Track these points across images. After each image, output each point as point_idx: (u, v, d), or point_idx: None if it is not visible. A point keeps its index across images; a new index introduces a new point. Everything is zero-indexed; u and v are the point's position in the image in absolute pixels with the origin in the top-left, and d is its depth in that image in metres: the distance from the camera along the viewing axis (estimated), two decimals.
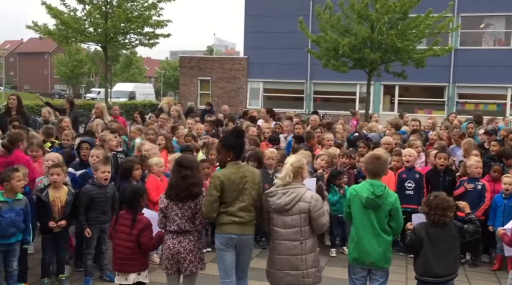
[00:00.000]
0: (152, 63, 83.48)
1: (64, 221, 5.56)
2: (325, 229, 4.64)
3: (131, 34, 21.24)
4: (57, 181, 5.54)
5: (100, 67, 55.79)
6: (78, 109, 28.40)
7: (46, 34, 20.50)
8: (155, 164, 6.59)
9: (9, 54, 79.11)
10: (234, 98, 30.45)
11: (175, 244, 4.55)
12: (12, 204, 5.23)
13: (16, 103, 9.68)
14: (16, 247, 5.30)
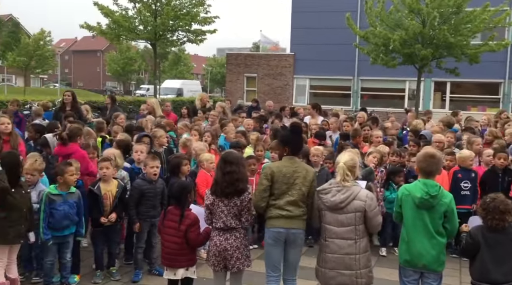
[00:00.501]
0: (199, 60, 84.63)
1: (114, 215, 5.67)
2: (379, 229, 4.56)
3: (179, 31, 21.54)
4: (106, 174, 5.67)
5: (149, 65, 57.08)
6: (129, 105, 29.56)
7: (98, 33, 21.12)
8: (206, 159, 6.64)
9: (64, 52, 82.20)
10: (280, 95, 30.35)
11: (222, 241, 4.56)
12: (65, 197, 5.39)
13: (70, 99, 10.00)
14: (70, 240, 5.47)
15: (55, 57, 49.85)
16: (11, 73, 64.15)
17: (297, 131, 5.03)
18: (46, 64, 49.32)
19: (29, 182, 5.45)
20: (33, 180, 5.52)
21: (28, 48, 43.36)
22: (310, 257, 6.14)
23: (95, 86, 71.92)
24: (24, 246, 5.35)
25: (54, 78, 75.11)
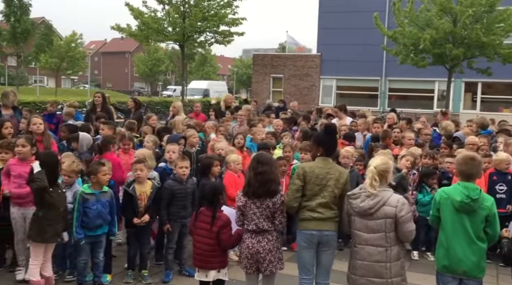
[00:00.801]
0: (225, 61, 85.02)
1: (148, 216, 5.68)
2: (412, 237, 4.31)
3: (207, 32, 21.65)
4: (140, 176, 5.69)
5: (176, 66, 57.62)
6: (156, 106, 29.88)
7: (128, 34, 21.40)
8: (233, 160, 6.62)
9: (94, 53, 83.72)
10: (307, 95, 30.19)
11: (254, 243, 4.52)
12: (98, 196, 5.44)
13: (101, 100, 10.14)
14: (103, 239, 5.51)
15: (85, 59, 50.88)
16: (43, 75, 65.68)
17: (331, 132, 4.99)
18: (77, 65, 50.48)
19: (66, 182, 5.55)
20: (70, 181, 5.61)
21: (60, 50, 44.37)
22: (340, 260, 6.03)
23: (123, 87, 72.98)
24: (58, 245, 5.42)
25: (84, 79, 76.57)
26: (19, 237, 5.54)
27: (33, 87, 51.87)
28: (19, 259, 5.62)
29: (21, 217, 5.50)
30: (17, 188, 5.49)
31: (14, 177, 5.52)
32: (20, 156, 5.55)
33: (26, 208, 5.48)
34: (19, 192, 5.47)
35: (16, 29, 29.54)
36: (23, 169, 5.46)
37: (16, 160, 5.61)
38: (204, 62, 61.73)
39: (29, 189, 5.37)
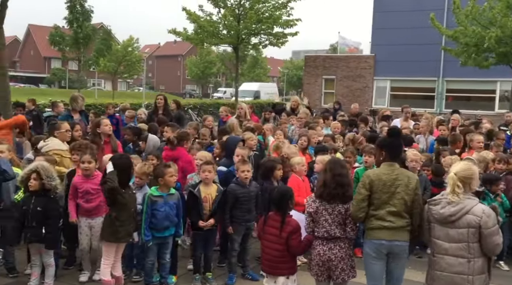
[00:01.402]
0: (275, 63, 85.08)
1: (212, 221, 5.69)
2: (497, 251, 4.01)
3: (261, 34, 21.70)
4: (208, 177, 5.70)
5: (228, 68, 58.27)
6: (209, 108, 30.27)
7: (184, 38, 21.79)
8: (297, 163, 6.51)
9: (148, 57, 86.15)
10: (359, 97, 29.66)
11: (326, 251, 4.41)
12: (166, 198, 5.50)
13: (163, 103, 10.34)
14: (169, 241, 5.57)
15: (141, 63, 52.48)
16: (101, 78, 68.24)
17: (395, 134, 4.75)
18: (133, 69, 52.11)
19: (138, 184, 5.64)
20: (141, 183, 5.71)
21: (117, 54, 45.93)
22: (415, 270, 5.79)
23: (175, 90, 74.55)
24: (126, 245, 5.52)
25: (138, 82, 78.83)
26: (83, 246, 5.69)
27: (91, 90, 53.93)
28: (84, 264, 5.78)
29: (88, 226, 5.65)
30: (85, 202, 5.62)
31: (82, 193, 5.62)
32: (87, 173, 5.63)
33: (93, 218, 5.65)
34: (87, 207, 5.62)
35: (78, 34, 30.80)
36: (89, 185, 5.60)
37: (81, 177, 5.69)
38: (255, 64, 62.02)
39: (97, 203, 5.59)
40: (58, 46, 32.79)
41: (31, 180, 5.13)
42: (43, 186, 5.13)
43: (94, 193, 5.59)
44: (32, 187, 5.15)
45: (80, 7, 30.34)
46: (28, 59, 76.77)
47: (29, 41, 78.02)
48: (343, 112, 13.96)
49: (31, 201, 5.15)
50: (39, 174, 5.10)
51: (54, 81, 68.24)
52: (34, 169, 5.14)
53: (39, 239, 5.16)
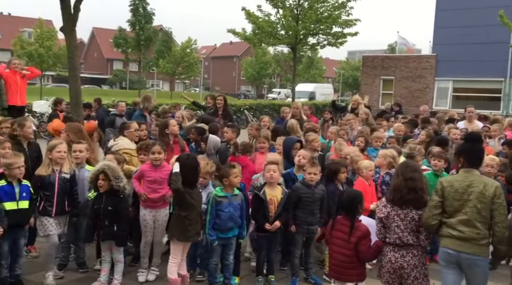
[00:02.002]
0: (330, 64, 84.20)
1: (278, 224, 5.62)
2: None
3: (320, 34, 21.51)
4: (273, 177, 5.63)
5: (283, 69, 58.32)
6: (264, 108, 30.32)
7: (243, 38, 21.98)
8: (365, 167, 6.34)
9: (204, 58, 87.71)
10: (419, 98, 28.75)
11: (398, 258, 4.24)
12: (230, 199, 5.50)
13: (223, 103, 10.42)
14: (233, 242, 5.56)
15: (199, 64, 53.59)
16: (159, 79, 70.20)
17: (472, 140, 4.52)
18: (191, 70, 53.29)
19: (201, 184, 5.67)
20: (205, 182, 5.73)
21: (176, 56, 47.11)
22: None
23: (230, 90, 75.42)
24: (190, 245, 5.56)
25: (194, 83, 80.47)
26: (147, 239, 5.75)
27: (150, 91, 55.53)
28: (142, 262, 5.81)
29: (152, 219, 5.70)
30: (151, 192, 5.67)
31: (149, 182, 5.68)
32: (157, 163, 5.68)
33: (157, 210, 5.70)
34: (153, 197, 5.67)
35: (140, 37, 31.81)
36: (158, 174, 5.65)
37: (149, 165, 5.75)
38: (311, 65, 61.65)
39: (162, 193, 5.64)
40: (121, 48, 34.03)
41: (99, 181, 5.28)
42: (111, 186, 5.26)
43: (161, 182, 5.61)
44: (101, 188, 5.29)
45: (142, 10, 31.31)
46: (92, 61, 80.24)
47: (93, 43, 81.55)
48: (404, 114, 13.53)
49: (102, 200, 5.30)
50: (106, 175, 5.23)
51: (116, 82, 70.97)
52: (101, 169, 5.27)
53: (111, 237, 5.30)
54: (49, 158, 5.52)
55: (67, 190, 5.53)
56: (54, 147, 5.54)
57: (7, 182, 5.14)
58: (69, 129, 6.52)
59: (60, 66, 42.98)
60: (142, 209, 5.72)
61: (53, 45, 40.87)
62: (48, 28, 42.29)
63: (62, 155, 5.52)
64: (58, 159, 5.50)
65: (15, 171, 5.15)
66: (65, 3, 8.09)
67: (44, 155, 5.78)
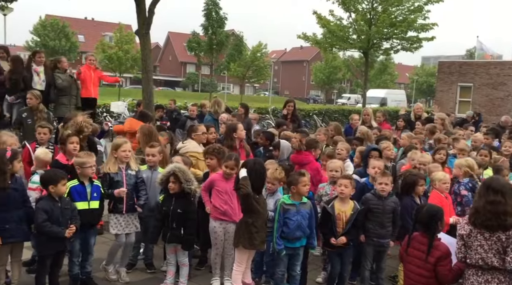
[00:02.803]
0: (403, 69, 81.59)
1: (345, 239, 5.36)
2: None
3: (393, 39, 20.79)
4: (344, 193, 5.39)
5: (354, 74, 57.31)
6: (333, 114, 29.86)
7: (314, 43, 21.74)
8: (439, 179, 5.93)
9: (274, 62, 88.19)
10: (500, 106, 27.01)
11: (481, 283, 3.86)
12: (298, 207, 5.31)
13: (292, 109, 10.34)
14: (300, 252, 5.36)
15: (269, 68, 53.85)
16: (230, 83, 71.41)
17: None
18: (261, 74, 53.74)
19: (270, 190, 5.54)
20: (273, 188, 5.58)
21: (247, 60, 47.69)
22: None
23: (299, 95, 75.15)
24: (257, 252, 5.45)
25: (264, 87, 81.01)
26: (218, 250, 5.60)
27: (221, 94, 56.58)
28: (214, 273, 5.69)
29: (222, 231, 5.54)
30: (223, 204, 5.50)
31: (220, 192, 5.53)
32: (229, 177, 5.52)
33: (227, 222, 5.51)
34: (225, 209, 5.49)
35: (212, 40, 32.48)
36: (229, 185, 5.47)
37: (221, 176, 5.62)
38: (383, 70, 60.03)
39: (233, 205, 5.48)
40: (194, 52, 34.95)
41: (170, 183, 5.27)
42: (182, 189, 5.24)
43: (233, 193, 5.46)
44: (172, 189, 5.28)
45: (215, 14, 31.95)
46: (167, 64, 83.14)
47: (168, 47, 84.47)
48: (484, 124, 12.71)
49: (171, 202, 5.29)
50: (177, 177, 5.22)
51: (188, 85, 73.05)
52: (172, 171, 5.26)
53: (178, 240, 5.28)
54: (114, 157, 5.62)
55: (134, 188, 5.61)
56: (119, 146, 5.63)
57: (79, 181, 5.27)
58: (141, 131, 6.65)
59: (137, 69, 44.93)
60: (212, 221, 5.58)
61: (131, 49, 42.81)
62: (127, 32, 44.37)
63: (127, 154, 5.62)
64: (124, 158, 5.60)
65: (87, 170, 5.28)
66: (140, 7, 8.31)
67: (109, 153, 5.90)
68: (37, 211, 4.80)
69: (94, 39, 62.17)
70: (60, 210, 4.88)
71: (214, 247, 5.66)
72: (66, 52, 53.68)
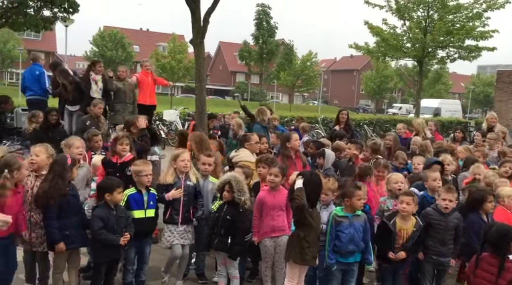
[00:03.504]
0: (457, 78, 78.84)
1: (404, 254, 5.13)
2: None
3: (450, 47, 20.05)
4: (406, 210, 5.15)
5: (406, 83, 55.92)
6: (385, 124, 29.11)
7: (366, 52, 21.34)
8: (507, 195, 5.58)
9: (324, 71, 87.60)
10: None
11: None
12: (351, 219, 5.11)
13: (346, 118, 10.22)
14: (355, 268, 5.17)
15: (319, 77, 53.50)
16: (279, 92, 71.51)
17: None
18: (311, 83, 53.50)
19: (323, 201, 5.38)
20: (327, 199, 5.40)
21: (296, 69, 47.61)
22: None
23: (349, 104, 74.17)
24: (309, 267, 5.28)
25: (313, 96, 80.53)
26: (268, 264, 5.51)
27: (270, 103, 56.66)
28: (264, 281, 5.59)
29: (273, 245, 5.43)
30: (271, 220, 5.40)
31: (268, 208, 5.43)
32: (273, 185, 5.45)
33: (277, 237, 5.41)
34: (273, 224, 5.39)
35: (263, 50, 32.63)
36: (277, 199, 5.39)
37: (267, 192, 5.50)
38: (438, 79, 58.16)
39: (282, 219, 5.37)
40: (245, 61, 35.24)
41: (224, 192, 5.24)
42: (233, 198, 5.19)
43: (280, 207, 5.41)
44: (225, 198, 5.25)
45: (266, 24, 32.11)
46: (217, 73, 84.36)
47: (219, 56, 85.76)
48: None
49: (223, 209, 5.26)
50: (231, 186, 5.17)
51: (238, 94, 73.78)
52: (228, 180, 5.23)
53: (225, 248, 5.20)
54: (173, 167, 5.63)
55: (192, 199, 5.59)
56: (178, 156, 5.63)
57: (137, 189, 5.31)
58: (192, 139, 6.68)
59: (189, 78, 45.81)
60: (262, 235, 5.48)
61: (183, 58, 43.73)
62: (181, 43, 45.40)
63: (186, 164, 5.60)
64: (183, 168, 5.58)
65: (143, 179, 5.31)
66: (195, 16, 8.38)
67: (168, 164, 5.91)
68: (93, 218, 4.88)
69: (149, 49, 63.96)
70: (116, 218, 4.93)
71: (264, 261, 5.56)
72: (122, 62, 55.58)
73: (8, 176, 4.38)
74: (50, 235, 4.76)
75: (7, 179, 4.37)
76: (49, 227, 4.74)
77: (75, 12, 12.77)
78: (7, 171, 4.40)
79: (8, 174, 4.39)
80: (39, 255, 5.03)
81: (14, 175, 4.48)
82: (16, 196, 4.61)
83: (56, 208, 4.72)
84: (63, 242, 4.76)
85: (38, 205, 4.77)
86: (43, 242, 4.90)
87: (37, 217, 4.87)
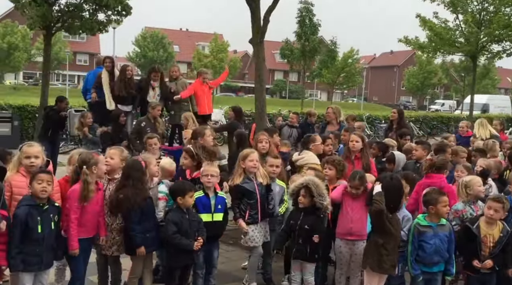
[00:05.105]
0: (504, 73, 75.89)
1: (491, 263, 4.80)
2: None
3: (505, 41, 19.20)
4: (494, 218, 4.82)
5: (452, 78, 54.28)
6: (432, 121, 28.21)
7: (417, 47, 20.72)
8: None
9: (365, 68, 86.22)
10: None
11: None
12: (436, 229, 4.84)
13: (396, 116, 9.80)
14: (438, 278, 4.89)
15: (360, 74, 52.66)
16: (318, 89, 70.87)
17: None
18: (352, 80, 52.69)
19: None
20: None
21: (337, 66, 46.94)
22: None
23: (389, 101, 72.72)
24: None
25: (351, 93, 79.37)
26: (342, 270, 5.29)
27: (309, 100, 56.16)
28: None
29: (348, 252, 5.20)
30: (349, 222, 5.15)
31: (347, 209, 5.20)
32: (355, 196, 5.18)
33: (354, 243, 5.17)
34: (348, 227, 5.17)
35: (305, 47, 32.30)
36: (356, 202, 5.13)
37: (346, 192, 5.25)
38: (486, 74, 56.06)
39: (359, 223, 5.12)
40: (287, 59, 35.00)
41: (300, 197, 5.04)
42: (313, 203, 4.98)
43: (361, 211, 5.14)
44: (301, 203, 5.04)
45: (309, 21, 31.74)
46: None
47: None
48: None
49: (299, 217, 5.04)
50: (309, 190, 4.97)
51: (276, 92, 73.54)
52: (305, 184, 5.02)
53: (304, 257, 5.03)
54: (242, 167, 5.51)
55: (265, 198, 5.49)
56: (247, 156, 5.52)
57: (204, 193, 5.20)
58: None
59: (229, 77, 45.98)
60: (338, 239, 5.27)
61: (225, 57, 43.91)
62: (222, 42, 45.60)
63: (255, 164, 5.48)
64: (251, 168, 5.46)
65: (204, 179, 5.19)
66: (255, 15, 8.21)
67: (236, 164, 5.79)
68: (167, 222, 4.79)
69: (188, 49, 64.71)
70: (189, 222, 4.83)
71: (339, 267, 5.34)
72: (163, 62, 56.34)
73: (87, 171, 4.45)
74: (133, 239, 4.73)
75: (87, 174, 4.43)
76: (132, 231, 4.71)
77: (128, 15, 12.89)
78: (85, 167, 4.46)
79: (87, 170, 4.44)
80: (111, 259, 5.00)
81: (93, 170, 4.53)
82: (98, 193, 4.66)
83: (139, 212, 4.70)
84: (143, 246, 4.73)
85: (120, 210, 4.73)
86: (112, 245, 4.86)
87: (108, 220, 4.84)
